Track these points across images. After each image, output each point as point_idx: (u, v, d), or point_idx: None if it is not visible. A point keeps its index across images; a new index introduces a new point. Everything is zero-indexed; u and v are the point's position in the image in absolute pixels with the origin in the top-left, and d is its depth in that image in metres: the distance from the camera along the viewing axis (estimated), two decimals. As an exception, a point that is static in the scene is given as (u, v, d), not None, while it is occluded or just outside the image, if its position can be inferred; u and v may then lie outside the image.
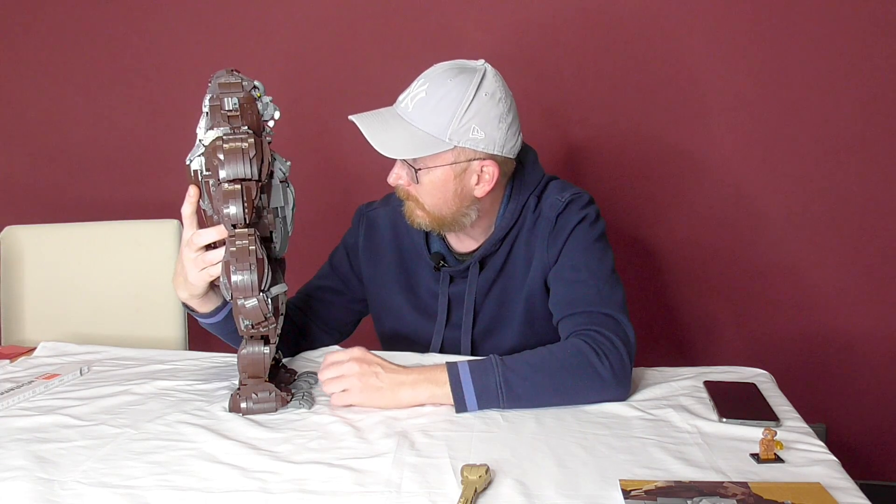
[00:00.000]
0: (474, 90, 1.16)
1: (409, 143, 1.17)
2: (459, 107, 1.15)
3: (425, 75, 1.20)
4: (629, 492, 0.79)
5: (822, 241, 1.98)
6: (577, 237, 1.23)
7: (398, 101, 1.21)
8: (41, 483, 0.84)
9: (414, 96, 1.18)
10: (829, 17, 1.88)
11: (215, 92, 1.02)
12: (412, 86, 1.20)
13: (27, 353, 1.33)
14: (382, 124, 1.20)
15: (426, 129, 1.16)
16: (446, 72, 1.18)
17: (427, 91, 1.17)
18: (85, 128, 2.19)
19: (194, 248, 1.06)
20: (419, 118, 1.17)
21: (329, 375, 1.09)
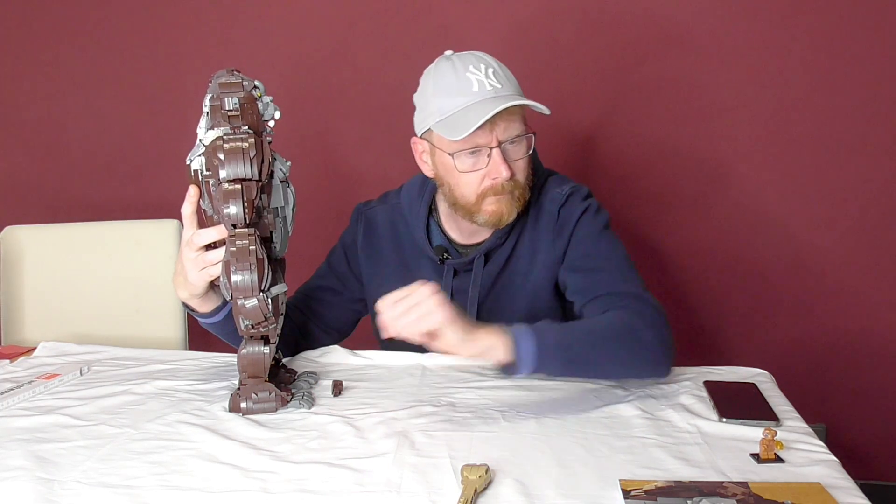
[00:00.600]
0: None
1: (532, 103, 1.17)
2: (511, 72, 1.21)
3: (463, 65, 1.18)
4: (629, 492, 0.79)
5: (821, 241, 1.98)
6: (584, 228, 1.24)
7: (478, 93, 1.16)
8: (41, 483, 0.84)
9: (487, 75, 1.17)
10: (829, 17, 1.88)
11: (216, 92, 1.02)
12: (470, 78, 1.16)
13: (27, 353, 1.33)
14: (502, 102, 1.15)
15: (520, 93, 1.20)
16: (469, 55, 1.20)
17: (490, 66, 1.18)
18: (85, 128, 2.19)
19: (194, 248, 1.06)
20: (510, 87, 1.18)
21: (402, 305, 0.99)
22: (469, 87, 1.16)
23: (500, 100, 1.14)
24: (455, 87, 1.17)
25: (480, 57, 1.19)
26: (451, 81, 1.17)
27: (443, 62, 1.21)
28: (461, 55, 1.20)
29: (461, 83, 1.16)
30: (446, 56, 1.22)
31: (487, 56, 1.20)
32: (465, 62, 1.18)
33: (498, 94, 1.15)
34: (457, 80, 1.17)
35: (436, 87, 1.20)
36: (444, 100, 1.18)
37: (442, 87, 1.18)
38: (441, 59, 1.22)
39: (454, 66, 1.18)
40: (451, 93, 1.17)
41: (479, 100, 1.15)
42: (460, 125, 1.14)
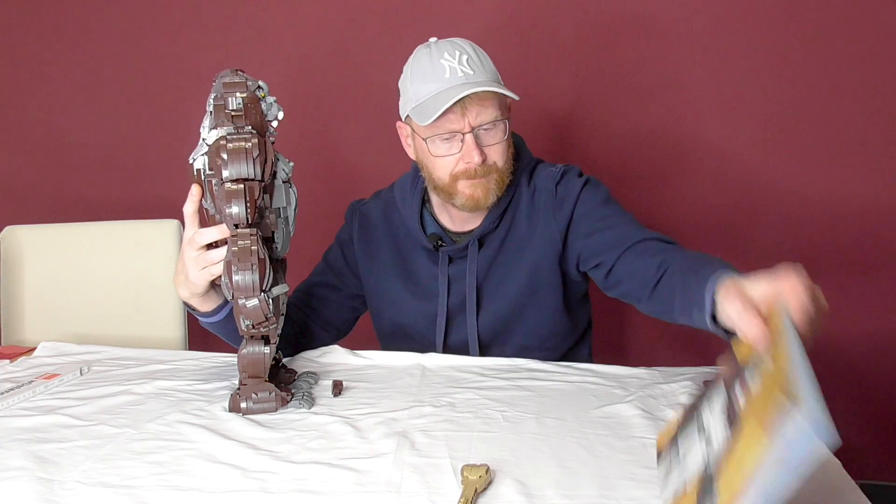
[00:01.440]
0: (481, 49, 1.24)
1: (500, 89, 1.19)
2: (488, 58, 1.23)
3: (438, 52, 1.20)
4: (660, 453, 0.78)
5: (821, 240, 1.98)
6: (587, 200, 1.27)
7: (450, 79, 1.18)
8: (41, 483, 0.84)
9: (461, 62, 1.19)
10: (829, 17, 1.88)
11: (219, 91, 1.03)
12: (443, 64, 1.19)
13: (27, 353, 1.33)
14: (477, 86, 1.17)
15: (495, 80, 1.21)
16: (447, 42, 1.22)
17: (465, 53, 1.19)
18: (85, 128, 2.19)
19: (196, 247, 1.06)
20: (484, 73, 1.19)
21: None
22: (441, 74, 1.18)
23: (468, 86, 1.16)
24: (429, 74, 1.19)
25: (457, 44, 1.21)
26: (426, 68, 1.20)
27: (422, 49, 1.24)
28: (440, 43, 1.22)
29: (435, 70, 1.19)
30: (427, 43, 1.24)
31: (466, 43, 1.22)
32: (441, 49, 1.20)
33: (469, 80, 1.17)
34: (431, 66, 1.19)
35: (412, 73, 1.22)
36: (419, 85, 1.20)
37: (418, 73, 1.21)
38: (422, 46, 1.25)
39: (430, 53, 1.21)
40: (426, 79, 1.20)
41: (450, 86, 1.17)
42: (429, 110, 1.17)
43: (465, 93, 1.15)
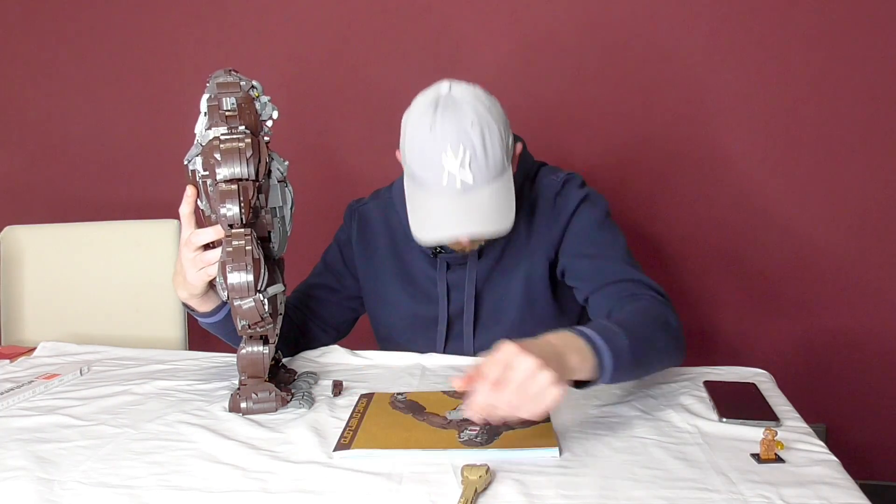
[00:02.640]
0: (486, 108, 1.11)
1: (502, 204, 1.12)
2: (497, 134, 1.11)
3: (443, 139, 1.08)
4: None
5: (822, 240, 1.98)
6: (584, 216, 1.25)
7: (447, 187, 1.09)
8: (41, 483, 0.84)
9: (462, 163, 1.08)
10: (829, 17, 1.88)
11: (213, 92, 1.02)
12: (442, 161, 1.08)
13: (27, 353, 1.33)
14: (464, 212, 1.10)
15: (497, 178, 1.12)
16: (457, 124, 1.08)
17: (468, 149, 1.08)
18: (85, 128, 2.19)
19: (192, 248, 1.06)
20: (485, 176, 1.10)
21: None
22: (438, 178, 1.09)
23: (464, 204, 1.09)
24: (427, 162, 1.10)
25: (464, 132, 1.08)
26: (427, 150, 1.10)
27: (424, 123, 1.11)
28: (447, 115, 1.09)
29: (433, 164, 1.09)
30: (435, 103, 1.11)
31: (475, 127, 1.09)
32: (446, 136, 1.08)
33: (466, 190, 1.09)
34: (431, 155, 1.09)
35: (412, 148, 1.13)
36: (415, 164, 1.13)
37: (417, 146, 1.12)
38: (425, 112, 1.11)
39: (434, 138, 1.09)
40: (423, 170, 1.11)
41: (446, 200, 1.10)
42: (418, 222, 1.14)
43: (467, 233, 1.11)
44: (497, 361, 0.85)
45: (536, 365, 0.83)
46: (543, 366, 0.83)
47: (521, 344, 0.86)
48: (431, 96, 1.13)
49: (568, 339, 0.92)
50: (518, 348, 0.85)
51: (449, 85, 1.13)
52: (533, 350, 0.85)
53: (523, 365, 0.83)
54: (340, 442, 0.93)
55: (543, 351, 0.86)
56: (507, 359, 0.84)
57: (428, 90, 1.16)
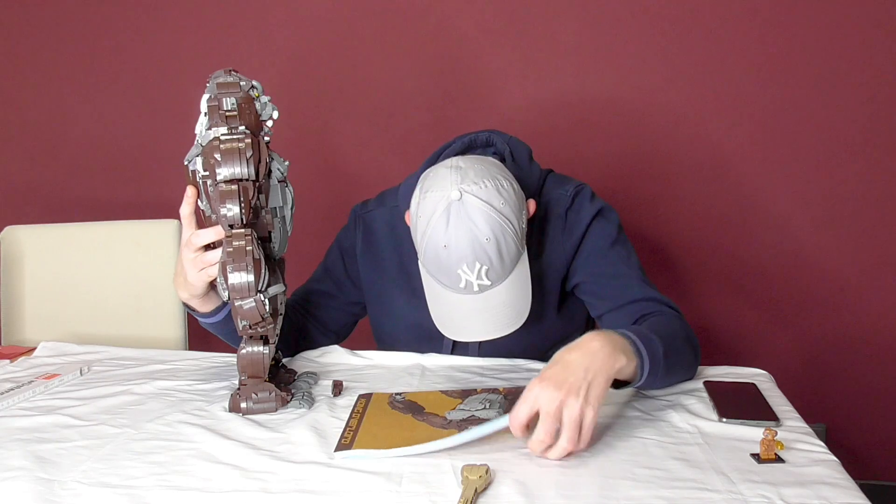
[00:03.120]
0: (499, 209, 1.07)
1: (522, 293, 1.11)
2: (512, 234, 1.08)
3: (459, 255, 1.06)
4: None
5: (822, 240, 1.98)
6: (597, 233, 1.24)
7: (463, 289, 1.09)
8: (41, 483, 0.84)
9: (480, 274, 1.07)
10: (829, 17, 1.88)
11: (213, 92, 1.02)
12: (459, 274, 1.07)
13: (27, 353, 1.33)
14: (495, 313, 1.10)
15: (512, 271, 1.11)
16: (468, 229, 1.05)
17: (484, 263, 1.06)
18: (85, 128, 2.19)
19: (193, 249, 1.06)
20: (503, 275, 1.09)
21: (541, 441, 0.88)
22: (455, 283, 1.08)
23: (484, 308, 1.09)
24: (444, 275, 1.09)
25: (479, 247, 1.05)
26: (443, 268, 1.09)
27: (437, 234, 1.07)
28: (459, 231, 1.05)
29: (450, 275, 1.08)
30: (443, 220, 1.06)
31: (491, 239, 1.05)
32: (462, 255, 1.06)
33: (483, 289, 1.08)
34: (447, 270, 1.08)
35: (427, 252, 1.10)
36: (431, 266, 1.11)
37: (432, 261, 1.10)
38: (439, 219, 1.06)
39: (449, 254, 1.06)
40: (440, 275, 1.10)
41: (464, 299, 1.10)
42: (442, 322, 1.13)
43: (483, 338, 1.11)
44: (524, 402, 0.88)
45: (563, 394, 0.87)
46: (569, 392, 0.87)
47: (543, 375, 0.89)
48: (442, 205, 1.06)
49: (617, 340, 0.95)
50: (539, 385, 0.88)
51: (460, 193, 1.05)
52: (556, 375, 0.89)
53: (552, 401, 0.87)
54: (341, 442, 0.93)
55: (570, 367, 0.89)
56: (533, 399, 0.88)
57: (437, 187, 1.08)
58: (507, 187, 1.10)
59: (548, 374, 0.90)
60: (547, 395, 0.87)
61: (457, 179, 1.07)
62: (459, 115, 2.02)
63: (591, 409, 0.88)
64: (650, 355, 0.99)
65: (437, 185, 1.09)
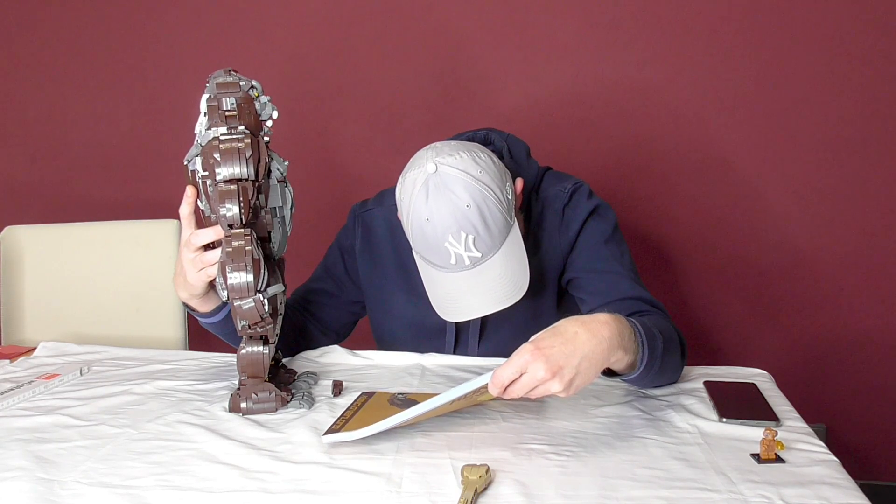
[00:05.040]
0: (477, 178, 1.07)
1: (518, 263, 1.11)
2: (494, 202, 1.08)
3: (443, 228, 1.06)
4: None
5: (821, 241, 1.98)
6: (594, 231, 1.25)
7: (455, 265, 1.09)
8: (41, 483, 0.84)
9: (466, 246, 1.07)
10: (829, 17, 1.88)
11: (213, 92, 1.02)
12: (446, 247, 1.07)
13: (27, 353, 1.33)
14: (492, 287, 1.09)
15: (502, 242, 1.10)
16: (452, 209, 1.05)
17: (470, 232, 1.06)
18: (85, 128, 2.19)
19: (192, 249, 1.06)
20: (493, 245, 1.09)
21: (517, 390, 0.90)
22: (446, 260, 1.08)
23: (479, 282, 1.09)
24: (433, 253, 1.09)
25: (461, 216, 1.05)
26: (430, 245, 1.09)
27: (419, 210, 1.07)
28: (440, 203, 1.06)
29: (439, 252, 1.08)
30: (422, 194, 1.07)
31: (472, 207, 1.05)
32: (445, 225, 1.06)
33: (476, 263, 1.08)
34: (435, 247, 1.08)
35: (413, 233, 1.10)
36: (420, 248, 1.11)
37: (419, 241, 1.10)
38: (417, 197, 1.08)
39: (434, 228, 1.06)
40: (429, 254, 1.10)
41: (458, 276, 1.09)
42: (439, 304, 1.13)
43: (484, 313, 1.11)
44: (513, 366, 0.89)
45: (549, 374, 0.88)
46: (555, 375, 0.88)
47: (542, 343, 0.90)
48: (420, 179, 1.07)
49: (625, 332, 0.96)
50: (533, 354, 0.89)
51: (435, 166, 1.06)
52: (553, 350, 0.89)
53: (537, 374, 0.88)
54: (331, 428, 0.94)
55: (570, 347, 0.90)
56: (522, 366, 0.88)
57: (414, 166, 1.10)
58: (485, 158, 1.10)
59: (545, 343, 0.90)
60: (534, 369, 0.88)
61: (432, 155, 1.09)
62: (459, 115, 2.02)
63: (565, 394, 0.90)
64: (650, 352, 1.00)
65: (414, 165, 1.11)
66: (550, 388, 0.89)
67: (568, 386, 0.89)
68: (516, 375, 0.89)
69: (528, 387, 0.89)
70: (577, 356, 0.90)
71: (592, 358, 0.91)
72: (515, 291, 1.11)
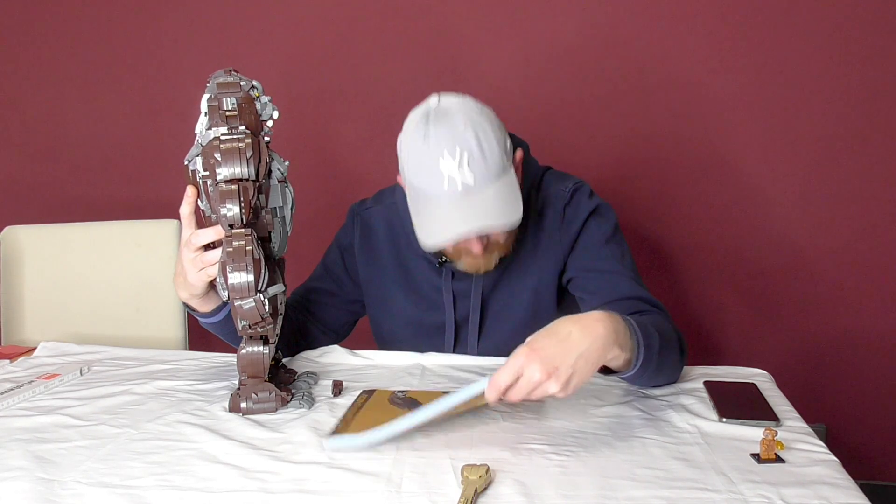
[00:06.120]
0: (477, 112, 1.11)
1: (507, 199, 1.10)
2: (492, 135, 1.10)
3: (437, 145, 1.07)
4: None
5: (821, 240, 1.98)
6: (594, 230, 1.25)
7: (449, 191, 1.07)
8: (41, 483, 0.84)
9: (461, 164, 1.06)
10: (830, 16, 1.88)
11: (214, 92, 1.02)
12: (440, 167, 1.06)
13: (27, 353, 1.33)
14: (471, 211, 1.08)
15: (498, 177, 1.10)
16: (449, 128, 1.07)
17: (465, 150, 1.07)
18: (85, 128, 2.19)
19: (193, 249, 1.06)
20: (487, 176, 1.08)
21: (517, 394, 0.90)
22: (439, 185, 1.07)
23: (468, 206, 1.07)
24: (426, 174, 1.09)
25: (458, 135, 1.07)
26: (424, 162, 1.09)
27: (418, 135, 1.09)
28: (439, 126, 1.08)
29: (432, 173, 1.07)
30: (426, 116, 1.10)
31: (469, 127, 1.08)
32: (440, 144, 1.06)
33: (469, 193, 1.07)
34: (429, 165, 1.08)
35: (409, 162, 1.12)
36: (415, 178, 1.11)
37: (414, 162, 1.11)
38: (420, 117, 1.11)
39: (429, 146, 1.07)
40: (422, 179, 1.10)
41: (448, 203, 1.08)
42: (425, 229, 1.12)
43: (466, 232, 1.08)
44: (509, 369, 0.89)
45: (545, 375, 0.88)
46: (551, 376, 0.88)
47: (536, 345, 0.90)
48: (422, 111, 1.12)
49: (620, 329, 0.96)
50: (528, 357, 0.89)
51: (438, 98, 1.12)
52: (548, 350, 0.89)
53: (534, 377, 0.88)
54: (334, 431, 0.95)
55: (564, 347, 0.90)
56: (518, 369, 0.88)
57: (418, 107, 1.14)
58: (487, 109, 1.14)
59: (539, 345, 0.90)
60: (530, 371, 0.88)
61: (435, 96, 1.14)
62: (459, 115, 2.02)
63: (563, 394, 0.89)
64: (646, 350, 1.00)
65: (416, 108, 1.15)
66: (548, 389, 0.89)
67: (565, 385, 0.89)
68: (513, 379, 0.89)
69: (525, 390, 0.89)
70: (572, 355, 0.90)
71: (588, 356, 0.91)
72: (507, 215, 1.09)
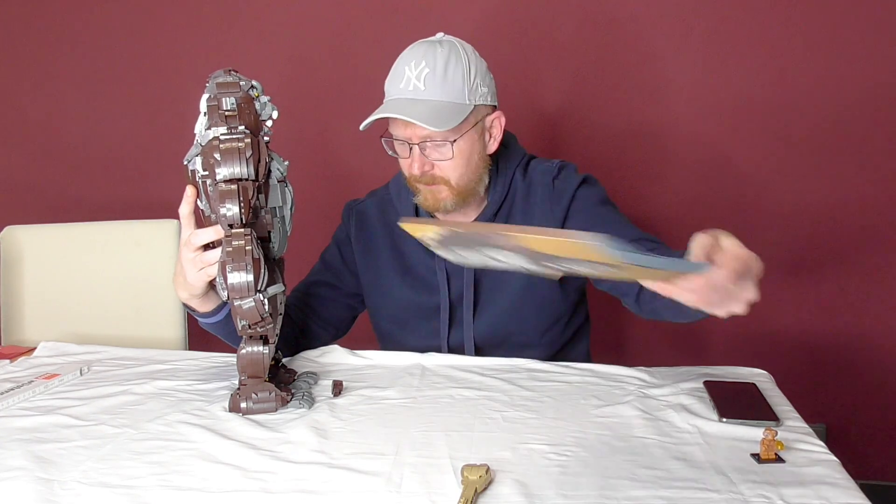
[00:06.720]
0: (464, 51, 1.22)
1: (444, 114, 1.18)
2: (464, 68, 1.20)
3: (411, 56, 1.21)
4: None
5: (821, 240, 1.98)
6: (584, 196, 1.28)
7: (402, 90, 1.20)
8: (41, 483, 0.84)
9: (419, 75, 1.19)
10: (828, 17, 1.88)
11: (213, 92, 1.02)
12: (405, 70, 1.20)
13: (27, 353, 1.33)
14: (407, 107, 1.18)
15: (449, 99, 1.19)
16: (429, 46, 1.21)
17: (428, 65, 1.19)
18: (85, 128, 2.19)
19: (192, 248, 1.06)
20: (437, 91, 1.19)
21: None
22: (398, 81, 1.21)
23: (408, 105, 1.18)
24: (395, 73, 1.23)
25: (435, 53, 1.20)
26: (398, 66, 1.23)
27: (407, 49, 1.24)
28: (424, 45, 1.22)
29: (397, 73, 1.22)
30: (424, 39, 1.24)
31: (443, 53, 1.20)
32: (414, 53, 1.21)
33: (416, 96, 1.19)
34: (399, 67, 1.22)
35: (394, 64, 1.25)
36: (388, 80, 1.24)
37: (391, 70, 1.24)
38: (412, 44, 1.24)
39: (406, 54, 1.22)
40: (391, 76, 1.24)
41: (398, 97, 1.21)
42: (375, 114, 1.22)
43: (396, 115, 1.18)
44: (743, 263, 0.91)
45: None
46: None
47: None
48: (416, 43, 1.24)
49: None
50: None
51: (442, 33, 1.25)
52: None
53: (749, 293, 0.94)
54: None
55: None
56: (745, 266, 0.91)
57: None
58: (479, 57, 1.25)
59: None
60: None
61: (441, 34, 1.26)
62: (459, 115, 2.02)
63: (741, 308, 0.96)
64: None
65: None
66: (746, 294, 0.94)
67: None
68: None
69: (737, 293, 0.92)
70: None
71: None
72: (435, 122, 1.16)
